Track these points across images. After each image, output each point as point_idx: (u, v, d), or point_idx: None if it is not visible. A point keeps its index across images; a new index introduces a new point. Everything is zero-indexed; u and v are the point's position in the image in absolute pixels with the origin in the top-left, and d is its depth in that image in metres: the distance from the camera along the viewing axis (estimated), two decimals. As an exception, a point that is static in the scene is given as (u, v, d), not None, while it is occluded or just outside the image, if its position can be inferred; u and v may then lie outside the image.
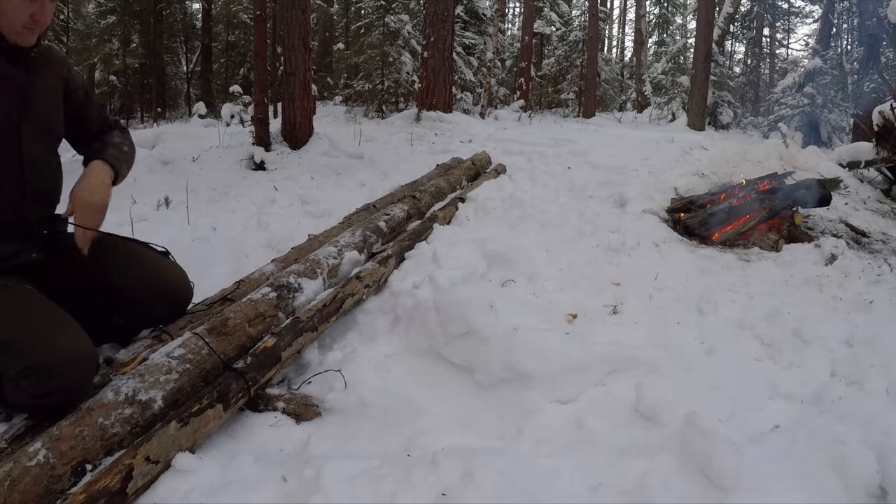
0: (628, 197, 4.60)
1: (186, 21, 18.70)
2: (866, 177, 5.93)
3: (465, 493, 1.40)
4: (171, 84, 18.79)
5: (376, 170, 5.43)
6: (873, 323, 2.60)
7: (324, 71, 17.57)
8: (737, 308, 2.78)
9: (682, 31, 21.69)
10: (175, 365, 1.65)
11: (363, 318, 2.44)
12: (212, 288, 2.38)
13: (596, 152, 6.50)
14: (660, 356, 2.14)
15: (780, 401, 2.02)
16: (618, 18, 31.28)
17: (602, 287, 2.91)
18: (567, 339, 2.12)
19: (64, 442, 1.33)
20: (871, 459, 1.52)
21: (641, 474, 1.51)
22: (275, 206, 4.25)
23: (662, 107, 15.84)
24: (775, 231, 4.00)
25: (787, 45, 23.17)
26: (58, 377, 1.48)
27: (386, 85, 12.12)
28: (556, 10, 20.04)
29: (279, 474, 1.51)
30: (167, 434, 1.46)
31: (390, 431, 1.78)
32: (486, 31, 13.68)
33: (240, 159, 5.52)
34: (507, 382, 1.97)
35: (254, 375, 1.78)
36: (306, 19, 6.19)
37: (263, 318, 1.99)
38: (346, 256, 2.55)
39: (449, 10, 9.59)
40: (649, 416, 1.76)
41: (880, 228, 4.51)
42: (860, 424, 1.69)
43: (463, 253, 2.75)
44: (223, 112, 7.75)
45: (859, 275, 3.28)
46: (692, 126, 12.26)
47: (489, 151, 5.70)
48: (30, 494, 1.22)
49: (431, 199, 3.70)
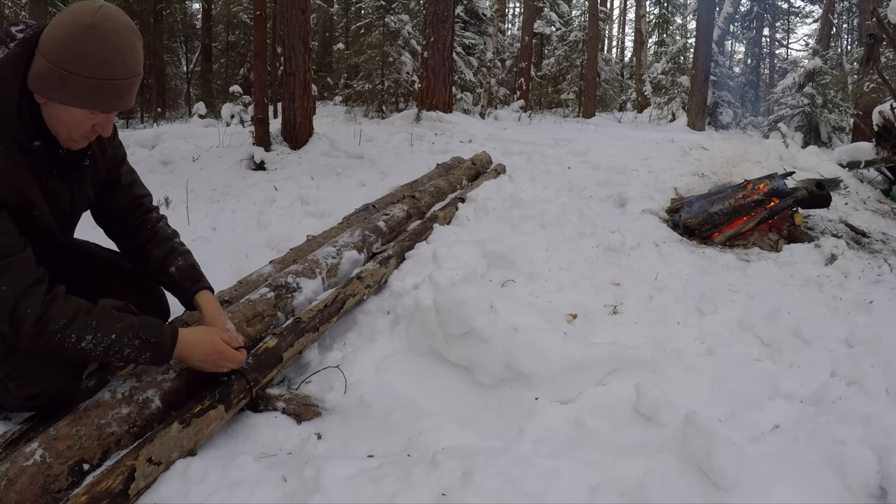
0: (628, 197, 4.60)
1: (186, 21, 18.71)
2: (866, 177, 5.93)
3: (465, 493, 1.39)
4: (171, 84, 18.79)
5: (376, 170, 5.43)
6: (873, 323, 2.60)
7: (324, 71, 17.59)
8: (737, 308, 2.77)
9: (682, 31, 21.68)
10: (173, 364, 1.65)
11: (363, 318, 2.44)
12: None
13: (596, 152, 6.51)
14: (660, 356, 2.14)
15: (780, 401, 2.02)
16: (618, 18, 31.32)
17: (602, 287, 2.91)
18: (567, 339, 2.12)
19: (61, 441, 1.33)
20: (871, 459, 1.52)
21: (641, 474, 1.51)
22: (275, 206, 4.25)
23: (662, 107, 15.85)
24: (775, 231, 4.00)
25: (787, 45, 23.19)
26: (43, 379, 1.49)
27: (386, 85, 12.12)
28: (556, 10, 20.05)
29: (279, 474, 1.51)
30: (169, 435, 1.46)
31: (390, 431, 1.78)
32: (486, 31, 13.69)
33: (240, 159, 5.52)
34: (507, 382, 1.97)
35: (255, 376, 1.77)
36: (306, 19, 6.19)
37: (262, 317, 1.99)
38: (346, 256, 2.55)
39: (449, 10, 9.59)
40: (649, 416, 1.76)
41: (880, 228, 4.51)
42: (860, 424, 1.70)
43: (463, 253, 2.75)
44: (223, 112, 7.75)
45: (859, 275, 3.28)
46: (692, 126, 12.27)
47: (489, 151, 5.70)
48: (27, 494, 1.22)
49: (431, 199, 3.70)
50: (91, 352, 1.44)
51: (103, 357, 1.47)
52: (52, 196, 1.54)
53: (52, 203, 1.54)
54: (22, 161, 1.43)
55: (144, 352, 1.50)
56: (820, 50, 12.51)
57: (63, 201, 1.58)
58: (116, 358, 1.49)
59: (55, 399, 1.54)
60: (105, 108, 1.43)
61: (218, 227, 3.70)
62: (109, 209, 1.80)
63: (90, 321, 1.43)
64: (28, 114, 1.41)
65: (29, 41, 1.39)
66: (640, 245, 3.41)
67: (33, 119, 1.43)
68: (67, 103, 1.39)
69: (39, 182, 1.49)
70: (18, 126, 1.41)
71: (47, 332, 1.39)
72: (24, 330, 1.37)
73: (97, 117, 1.45)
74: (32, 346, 1.41)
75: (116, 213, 1.81)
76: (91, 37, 1.33)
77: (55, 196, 1.55)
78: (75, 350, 1.42)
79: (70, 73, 1.34)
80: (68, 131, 1.46)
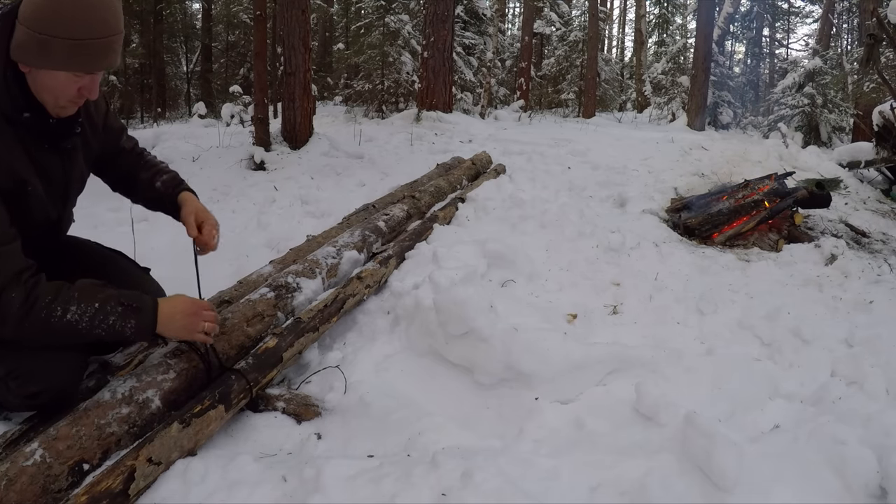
0: (628, 197, 4.60)
1: (186, 21, 18.69)
2: (866, 177, 5.93)
3: (465, 493, 1.39)
4: (171, 84, 18.77)
5: (376, 170, 5.43)
6: (873, 323, 2.60)
7: (324, 71, 17.59)
8: (737, 308, 2.77)
9: (682, 31, 21.68)
10: (173, 364, 1.65)
11: (363, 318, 2.44)
12: (212, 288, 2.38)
13: (596, 152, 6.51)
14: (660, 356, 2.14)
15: (780, 401, 2.02)
16: (618, 18, 31.31)
17: (602, 287, 2.91)
18: (567, 339, 2.12)
19: (61, 441, 1.33)
20: (871, 459, 1.52)
21: (641, 474, 1.51)
22: (275, 206, 4.25)
23: (662, 107, 15.84)
24: (775, 231, 4.00)
25: (787, 45, 23.20)
26: (43, 378, 1.50)
27: (386, 85, 12.12)
28: (556, 10, 20.04)
29: (279, 474, 1.51)
30: (169, 435, 1.46)
31: (390, 431, 1.78)
32: (486, 31, 13.68)
33: (240, 159, 5.52)
34: (507, 382, 1.97)
35: (255, 376, 1.77)
36: (306, 19, 6.19)
37: (262, 317, 1.99)
38: (346, 256, 2.55)
39: (449, 10, 9.59)
40: (649, 416, 1.76)
41: (880, 228, 4.51)
42: (860, 424, 1.69)
43: (463, 253, 2.75)
44: (223, 112, 7.74)
45: (859, 275, 3.28)
46: (692, 126, 12.26)
47: (489, 151, 5.70)
48: (27, 494, 1.22)
49: (431, 199, 3.70)
50: (77, 324, 1.44)
51: (90, 330, 1.47)
52: (45, 171, 1.56)
53: (45, 178, 1.56)
54: (10, 135, 1.45)
55: (128, 319, 1.51)
56: (820, 50, 12.52)
57: (55, 175, 1.60)
58: (103, 329, 1.48)
59: (55, 398, 1.55)
60: (89, 69, 1.45)
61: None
62: (115, 171, 1.91)
63: (73, 293, 1.46)
64: (14, 85, 1.43)
65: (8, 14, 1.42)
66: (640, 245, 3.41)
67: (20, 90, 1.44)
68: (51, 67, 1.41)
69: (30, 156, 1.50)
70: (5, 98, 1.42)
71: (34, 311, 1.39)
72: (11, 314, 1.38)
73: (82, 80, 1.46)
74: (20, 331, 1.41)
75: (123, 172, 1.92)
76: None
77: (47, 171, 1.57)
78: (62, 324, 1.43)
79: (50, 37, 1.36)
80: (55, 97, 1.48)
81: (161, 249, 3.04)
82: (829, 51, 13.07)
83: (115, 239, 2.32)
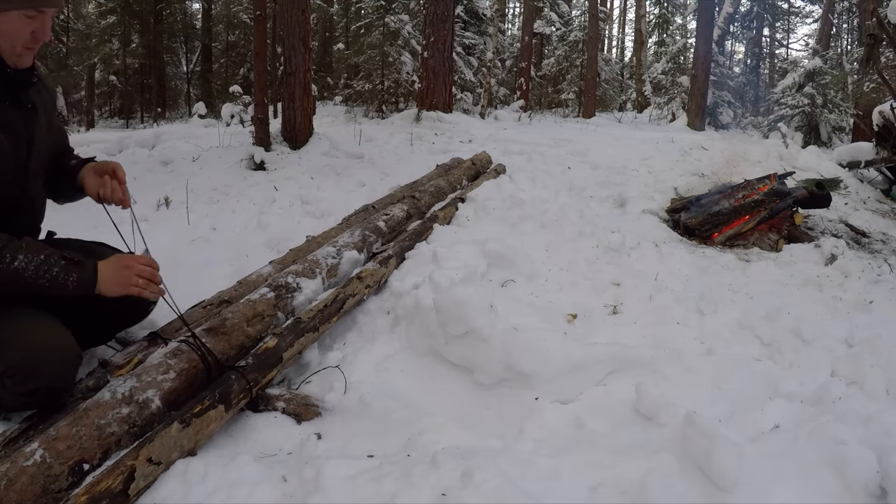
0: (628, 197, 4.60)
1: (186, 21, 18.68)
2: (866, 177, 5.93)
3: (465, 493, 1.39)
4: (171, 84, 18.77)
5: (376, 170, 5.43)
6: (873, 323, 2.60)
7: (324, 71, 17.59)
8: (737, 308, 2.77)
9: (682, 31, 21.67)
10: (173, 364, 1.65)
11: (363, 318, 2.44)
12: (212, 288, 2.38)
13: (596, 152, 6.51)
14: (660, 356, 2.14)
15: (780, 401, 2.02)
16: (618, 18, 31.31)
17: (602, 287, 2.91)
18: (567, 339, 2.12)
19: (61, 442, 1.33)
20: (871, 459, 1.51)
21: (641, 474, 1.51)
22: (275, 206, 4.25)
23: (662, 107, 15.85)
24: (775, 231, 4.00)
25: (787, 45, 23.21)
26: (39, 375, 1.51)
27: (386, 85, 12.13)
28: (556, 10, 20.05)
29: (279, 474, 1.51)
30: (169, 435, 1.45)
31: (390, 431, 1.78)
32: (486, 31, 13.68)
33: (240, 159, 5.52)
34: (507, 382, 1.97)
35: (255, 376, 1.77)
36: (306, 19, 6.19)
37: (262, 317, 1.99)
38: (346, 256, 2.55)
39: (449, 10, 9.59)
40: (649, 416, 1.76)
41: (880, 228, 4.51)
42: (860, 424, 1.69)
43: (463, 253, 2.74)
44: (223, 112, 7.75)
45: (859, 275, 3.28)
46: (692, 126, 12.27)
47: (489, 151, 5.70)
48: (27, 494, 1.22)
49: (431, 200, 3.70)
50: (24, 271, 1.51)
51: (35, 279, 1.53)
52: (8, 125, 1.60)
53: (9, 132, 1.60)
54: None
55: (71, 272, 1.58)
56: (820, 50, 12.52)
57: (18, 130, 1.64)
58: (47, 279, 1.54)
59: (51, 395, 1.56)
60: (37, 4, 1.52)
61: (218, 228, 3.70)
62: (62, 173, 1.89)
63: (21, 244, 1.54)
64: None
65: None
66: (640, 245, 3.41)
67: None
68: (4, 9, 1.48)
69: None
70: None
71: None
72: None
73: (34, 22, 1.54)
74: None
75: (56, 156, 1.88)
76: None
77: (11, 125, 1.61)
78: (10, 271, 1.50)
79: None
80: (11, 43, 1.54)
81: (161, 249, 3.04)
82: (829, 51, 13.07)
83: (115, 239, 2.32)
